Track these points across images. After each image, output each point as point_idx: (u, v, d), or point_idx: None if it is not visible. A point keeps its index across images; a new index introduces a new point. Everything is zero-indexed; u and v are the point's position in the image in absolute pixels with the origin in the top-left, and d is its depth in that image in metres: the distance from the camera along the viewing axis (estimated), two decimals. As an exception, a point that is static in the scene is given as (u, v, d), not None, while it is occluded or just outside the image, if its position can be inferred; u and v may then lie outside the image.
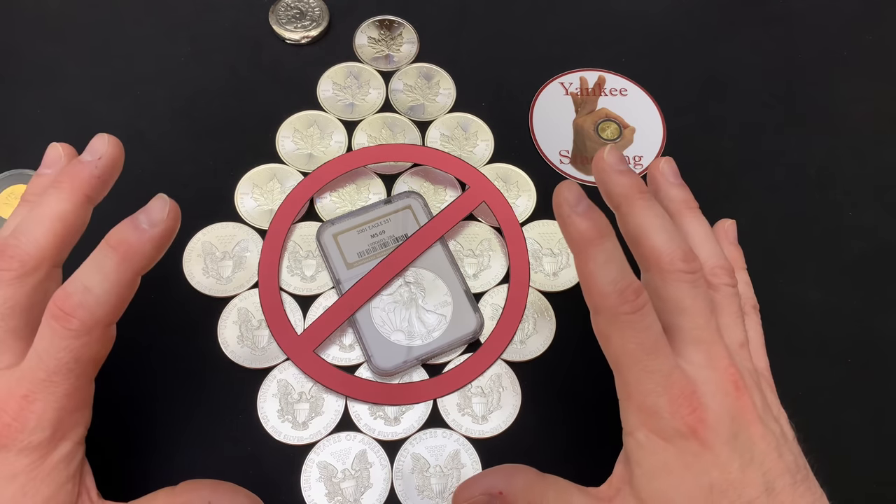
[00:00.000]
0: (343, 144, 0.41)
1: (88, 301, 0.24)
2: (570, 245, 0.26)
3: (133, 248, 0.25)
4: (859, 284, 0.39)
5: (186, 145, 0.40)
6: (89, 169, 0.27)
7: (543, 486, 0.27)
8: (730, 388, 0.26)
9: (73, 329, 0.24)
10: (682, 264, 0.27)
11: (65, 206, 0.26)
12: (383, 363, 0.34)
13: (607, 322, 0.26)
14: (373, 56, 0.44)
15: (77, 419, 0.26)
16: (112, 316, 0.25)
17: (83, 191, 0.27)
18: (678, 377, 0.25)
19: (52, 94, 0.41)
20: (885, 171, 0.42)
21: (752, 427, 0.26)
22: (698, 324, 0.27)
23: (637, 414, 0.26)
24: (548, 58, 0.45)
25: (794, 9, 0.48)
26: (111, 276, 0.25)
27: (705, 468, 0.25)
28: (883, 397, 0.36)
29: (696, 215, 0.31)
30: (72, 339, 0.24)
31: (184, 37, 0.43)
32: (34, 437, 0.24)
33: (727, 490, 0.24)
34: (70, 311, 0.24)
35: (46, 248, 0.26)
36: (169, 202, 0.26)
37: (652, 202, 0.28)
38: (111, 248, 0.25)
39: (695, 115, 0.43)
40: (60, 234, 0.26)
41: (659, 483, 0.25)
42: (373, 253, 0.37)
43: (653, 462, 0.25)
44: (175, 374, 0.34)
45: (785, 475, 0.25)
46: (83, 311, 0.24)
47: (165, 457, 0.32)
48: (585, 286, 0.26)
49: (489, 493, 0.27)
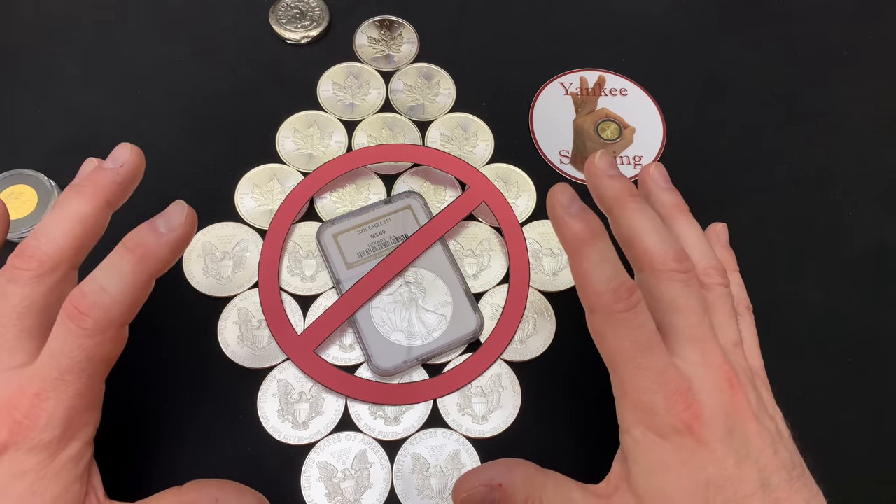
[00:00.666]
0: (343, 144, 0.41)
1: (104, 301, 0.25)
2: (565, 246, 0.27)
3: (150, 251, 0.26)
4: (859, 284, 0.39)
5: (186, 145, 0.40)
6: (111, 176, 0.28)
7: (542, 480, 0.27)
8: (724, 386, 0.26)
9: (87, 328, 0.25)
10: (674, 264, 0.27)
11: (85, 208, 0.27)
12: (383, 363, 0.34)
13: (602, 320, 0.26)
14: (373, 56, 0.44)
15: (87, 419, 0.26)
16: (126, 316, 0.26)
17: (104, 196, 0.27)
18: (673, 374, 0.25)
19: (52, 94, 0.41)
20: (885, 171, 0.42)
21: (748, 424, 0.26)
22: (692, 322, 0.27)
23: (632, 411, 0.26)
24: (548, 58, 0.45)
25: (794, 9, 0.48)
26: (127, 277, 0.25)
27: (701, 464, 0.25)
28: (882, 397, 0.36)
29: (687, 218, 0.32)
30: (86, 338, 0.25)
31: (184, 37, 0.43)
32: (44, 436, 0.24)
33: (723, 486, 0.24)
34: (85, 311, 0.25)
35: (65, 249, 0.26)
36: (187, 208, 0.27)
37: (643, 205, 0.29)
38: (128, 251, 0.26)
39: (695, 115, 0.43)
40: (79, 236, 0.27)
41: (656, 479, 0.25)
42: (373, 253, 0.37)
43: (649, 459, 0.25)
44: (175, 375, 0.34)
45: (781, 471, 0.25)
46: (98, 311, 0.25)
47: (165, 457, 0.32)
48: (580, 286, 0.27)
49: (489, 484, 0.27)
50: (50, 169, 0.38)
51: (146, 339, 0.34)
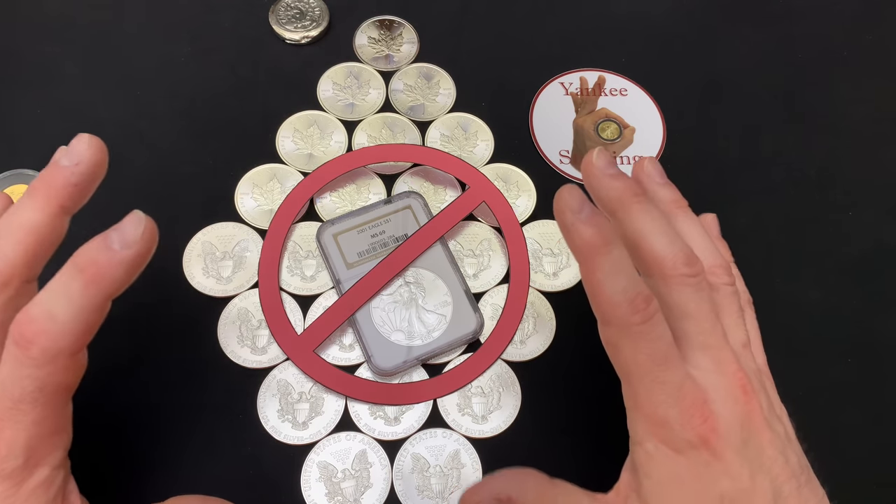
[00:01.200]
0: (343, 144, 0.41)
1: (51, 329, 0.22)
2: (575, 253, 0.25)
3: (102, 272, 0.23)
4: (859, 284, 0.39)
5: (186, 145, 0.40)
6: (65, 175, 0.25)
7: (553, 493, 0.26)
8: (739, 394, 0.25)
9: (34, 357, 0.22)
10: (685, 268, 0.26)
11: (37, 217, 0.24)
12: (383, 363, 0.34)
13: (617, 333, 0.25)
14: (373, 56, 0.44)
15: (54, 443, 0.24)
16: (77, 344, 0.23)
17: (58, 201, 0.24)
18: (690, 387, 0.25)
19: (52, 94, 0.41)
20: (885, 171, 0.42)
21: (762, 433, 0.25)
22: (704, 328, 0.26)
23: (646, 424, 0.25)
24: (548, 58, 0.45)
25: (794, 9, 0.48)
26: (77, 301, 0.23)
27: (716, 478, 0.24)
28: (883, 397, 0.36)
29: (687, 214, 0.31)
30: (34, 368, 0.23)
31: (184, 37, 0.43)
32: (6, 465, 0.23)
33: (738, 499, 0.24)
34: (31, 338, 0.22)
35: (16, 264, 0.24)
36: (145, 220, 0.24)
37: (648, 205, 0.27)
38: (79, 271, 0.23)
39: (695, 115, 0.43)
40: (32, 248, 0.24)
41: (670, 494, 0.25)
42: (373, 253, 0.37)
43: (663, 473, 0.25)
44: (175, 375, 0.34)
45: (791, 480, 0.25)
46: (45, 339, 0.22)
47: (165, 457, 0.32)
48: (593, 296, 0.25)
49: (498, 498, 0.26)
50: (50, 169, 0.38)
51: (146, 339, 0.34)
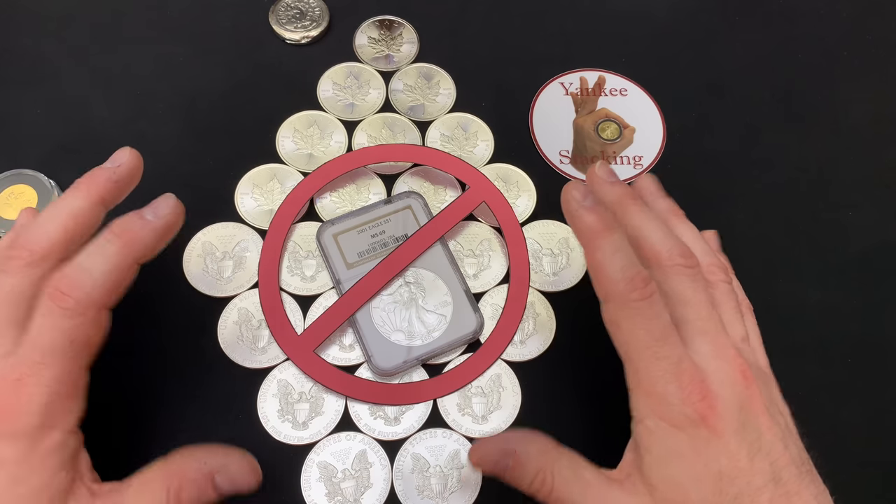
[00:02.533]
0: (343, 144, 0.41)
1: (85, 281, 0.25)
2: (580, 238, 0.28)
3: (136, 236, 0.27)
4: (859, 284, 0.39)
5: (186, 145, 0.40)
6: (107, 174, 0.28)
7: (557, 456, 0.27)
8: (738, 378, 0.26)
9: (68, 308, 0.25)
10: (681, 259, 0.28)
11: (79, 203, 0.27)
12: (383, 363, 0.34)
13: (617, 309, 0.26)
14: (373, 56, 0.44)
15: (69, 406, 0.26)
16: (107, 298, 0.26)
17: (98, 192, 0.28)
18: (688, 365, 0.26)
19: (52, 94, 0.41)
20: (885, 171, 0.42)
21: (761, 417, 0.26)
22: (702, 315, 0.27)
23: (646, 401, 0.26)
24: (548, 58, 0.45)
25: (795, 9, 0.48)
26: (111, 259, 0.26)
27: (715, 455, 0.25)
28: (883, 397, 0.36)
29: (682, 220, 0.32)
30: (66, 319, 0.25)
31: (184, 37, 0.43)
32: (25, 422, 0.24)
33: (736, 478, 0.25)
34: (66, 291, 0.25)
35: (56, 241, 0.26)
36: (174, 199, 0.28)
37: (644, 206, 0.30)
38: (114, 235, 0.27)
39: (695, 115, 0.43)
40: (71, 229, 0.27)
41: (669, 469, 0.25)
42: (373, 253, 0.37)
43: (663, 448, 0.26)
44: (175, 375, 0.34)
45: (791, 466, 0.26)
46: (79, 291, 0.25)
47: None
48: (595, 276, 0.27)
49: (504, 450, 0.28)
50: (50, 169, 0.38)
51: (146, 339, 0.34)
